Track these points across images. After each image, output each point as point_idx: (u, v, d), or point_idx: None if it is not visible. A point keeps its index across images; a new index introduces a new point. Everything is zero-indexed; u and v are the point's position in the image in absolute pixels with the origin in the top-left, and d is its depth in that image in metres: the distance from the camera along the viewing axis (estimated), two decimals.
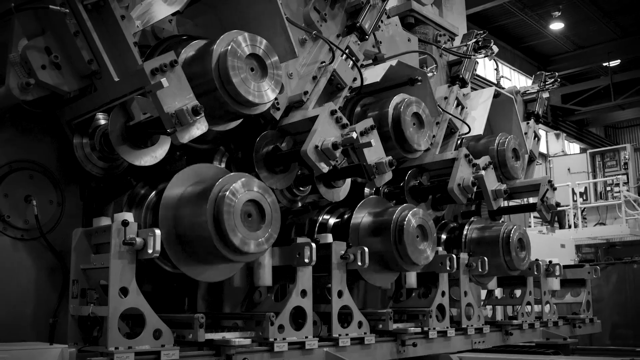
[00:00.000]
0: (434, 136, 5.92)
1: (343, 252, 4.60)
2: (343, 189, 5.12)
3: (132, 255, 3.48)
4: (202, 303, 4.85)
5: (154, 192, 4.11)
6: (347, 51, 5.02)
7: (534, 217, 19.34)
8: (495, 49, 6.67)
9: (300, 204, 5.24)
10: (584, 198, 20.38)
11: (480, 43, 6.82)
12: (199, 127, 3.50)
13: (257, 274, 4.36)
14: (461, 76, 6.55)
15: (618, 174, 20.28)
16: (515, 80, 26.81)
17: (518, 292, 6.97)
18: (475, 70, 6.78)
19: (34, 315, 3.99)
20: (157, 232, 3.46)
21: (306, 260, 4.31)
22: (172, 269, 3.97)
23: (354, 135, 4.38)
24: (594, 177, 21.19)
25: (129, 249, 3.46)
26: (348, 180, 5.16)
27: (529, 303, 6.70)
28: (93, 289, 3.75)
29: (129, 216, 3.53)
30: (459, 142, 6.46)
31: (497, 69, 7.65)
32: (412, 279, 5.48)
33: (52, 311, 4.02)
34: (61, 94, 3.72)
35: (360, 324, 4.64)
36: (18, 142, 4.10)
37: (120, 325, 3.46)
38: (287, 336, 4.18)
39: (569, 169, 21.00)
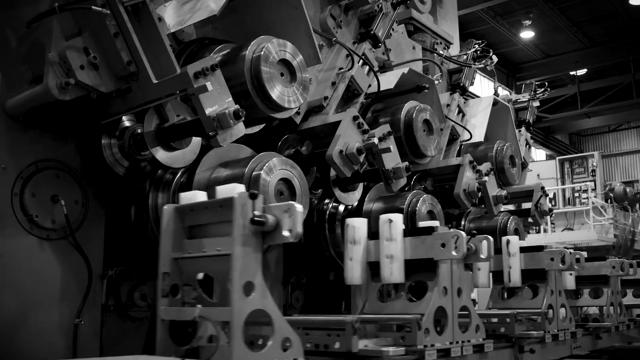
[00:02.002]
0: None
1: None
2: (357, 193, 5.20)
3: (259, 239, 2.73)
4: None
5: (178, 175, 4.17)
6: (364, 58, 5.12)
7: None
8: (495, 58, 6.84)
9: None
10: (553, 204, 20.82)
11: (478, 52, 6.98)
12: (238, 131, 3.55)
13: (386, 268, 3.79)
14: (462, 84, 6.71)
15: (586, 181, 20.78)
16: (485, 87, 27.24)
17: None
18: (474, 79, 6.94)
19: (59, 315, 3.98)
20: (298, 207, 2.69)
21: (454, 253, 3.79)
22: None
23: (375, 140, 4.47)
24: (563, 183, 21.67)
25: (256, 230, 2.70)
26: (361, 185, 5.25)
27: (612, 304, 6.36)
28: (189, 284, 2.99)
29: (240, 187, 2.82)
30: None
31: (495, 78, 7.85)
32: (516, 276, 4.98)
33: (77, 312, 4.02)
34: (98, 94, 3.72)
35: (477, 328, 4.05)
36: (43, 142, 4.08)
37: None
38: (433, 342, 3.67)
39: (538, 175, 21.39)
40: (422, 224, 4.06)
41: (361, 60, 5.09)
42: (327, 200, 5.46)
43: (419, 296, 4.00)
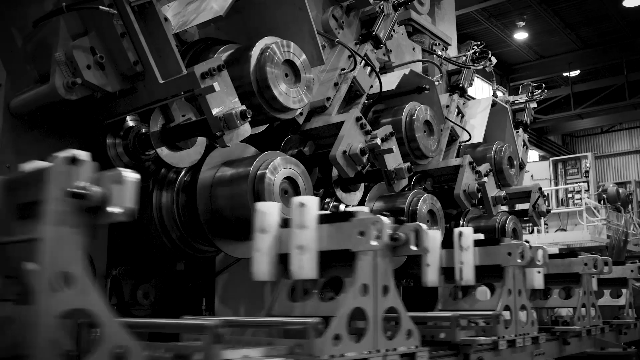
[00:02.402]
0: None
1: (391, 231, 3.34)
2: (358, 194, 5.23)
3: (83, 218, 2.19)
4: (218, 303, 4.89)
5: (182, 174, 4.19)
6: (366, 59, 5.14)
7: None
8: (494, 59, 6.88)
9: None
10: (546, 204, 20.92)
11: (477, 53, 7.02)
12: (244, 131, 3.56)
13: (296, 261, 3.12)
14: (461, 85, 6.74)
15: (579, 182, 20.90)
16: (478, 87, 27.33)
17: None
18: (473, 80, 6.98)
19: None
20: (131, 176, 2.25)
21: (373, 243, 3.13)
22: (207, 246, 4.12)
23: (378, 141, 4.49)
24: (556, 184, 21.79)
25: (77, 205, 2.16)
26: (362, 186, 5.27)
27: (584, 305, 5.80)
28: (13, 276, 2.38)
29: (83, 155, 2.23)
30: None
31: (493, 79, 7.88)
32: (469, 273, 4.48)
33: None
34: (103, 94, 3.73)
35: (409, 334, 3.34)
36: (47, 141, 4.07)
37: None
38: (346, 351, 2.97)
39: (532, 176, 21.50)
40: (362, 214, 3.27)
41: (363, 61, 5.11)
42: (327, 200, 5.47)
43: None
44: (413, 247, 3.27)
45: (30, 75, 3.82)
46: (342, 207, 5.40)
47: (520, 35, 25.83)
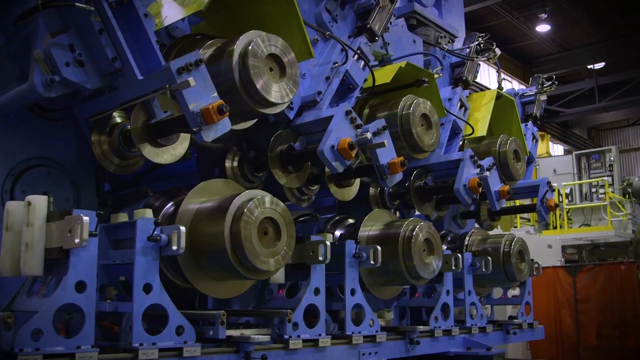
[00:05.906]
0: None
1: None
2: (353, 189, 5.16)
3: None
4: (213, 300, 4.88)
5: (170, 204, 4.14)
6: (359, 52, 5.06)
7: (521, 217, 19.58)
8: (498, 51, 6.75)
9: (306, 203, 5.25)
10: (570, 199, 20.61)
11: (482, 45, 6.90)
12: (223, 126, 3.52)
13: (21, 257, 3.34)
14: (464, 78, 6.62)
15: (603, 176, 20.52)
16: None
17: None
18: (478, 72, 6.85)
19: None
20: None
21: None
22: (183, 283, 3.98)
23: (369, 135, 4.42)
24: (580, 178, 21.42)
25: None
26: (357, 180, 5.21)
27: (445, 304, 5.60)
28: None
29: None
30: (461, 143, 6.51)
31: (498, 71, 7.74)
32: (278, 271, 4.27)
33: None
34: (83, 91, 3.72)
35: (180, 330, 3.58)
36: (35, 139, 4.11)
37: None
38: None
39: (554, 170, 21.21)
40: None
41: (356, 55, 5.03)
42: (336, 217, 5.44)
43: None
44: (174, 247, 3.50)
45: (13, 73, 3.84)
46: (337, 234, 5.31)
47: (543, 28, 25.51)
